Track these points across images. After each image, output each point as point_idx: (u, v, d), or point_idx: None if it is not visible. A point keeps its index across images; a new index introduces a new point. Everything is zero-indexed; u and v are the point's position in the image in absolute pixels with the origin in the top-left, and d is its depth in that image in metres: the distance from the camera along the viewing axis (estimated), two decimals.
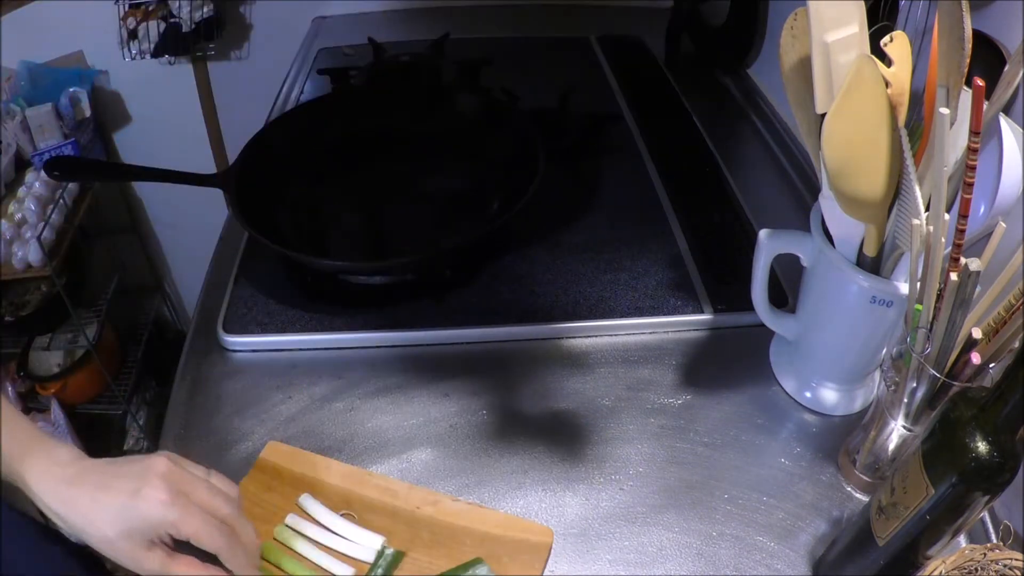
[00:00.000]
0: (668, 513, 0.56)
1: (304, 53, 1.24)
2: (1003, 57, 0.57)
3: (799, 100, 0.53)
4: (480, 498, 0.57)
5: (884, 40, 0.49)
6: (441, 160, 0.90)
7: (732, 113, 1.07)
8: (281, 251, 0.72)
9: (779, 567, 0.53)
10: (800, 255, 0.59)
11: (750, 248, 0.62)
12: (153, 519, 0.45)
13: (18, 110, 1.36)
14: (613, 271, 0.76)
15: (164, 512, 0.45)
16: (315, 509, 0.55)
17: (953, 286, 0.43)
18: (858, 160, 0.48)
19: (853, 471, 0.58)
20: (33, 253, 1.26)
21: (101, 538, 0.46)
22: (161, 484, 0.46)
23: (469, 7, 1.35)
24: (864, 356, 0.61)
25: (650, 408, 0.64)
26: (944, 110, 0.42)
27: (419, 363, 0.69)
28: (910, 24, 0.62)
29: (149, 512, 0.45)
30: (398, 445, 0.61)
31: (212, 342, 0.71)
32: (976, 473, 0.39)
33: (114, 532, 0.45)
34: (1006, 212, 0.47)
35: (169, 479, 0.47)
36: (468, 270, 0.76)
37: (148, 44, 1.38)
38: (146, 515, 0.45)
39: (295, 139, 0.86)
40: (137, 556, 0.46)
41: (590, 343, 0.70)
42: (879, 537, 0.46)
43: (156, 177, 0.76)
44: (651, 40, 1.22)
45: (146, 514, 0.45)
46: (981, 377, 0.46)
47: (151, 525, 0.46)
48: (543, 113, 0.94)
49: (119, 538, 0.45)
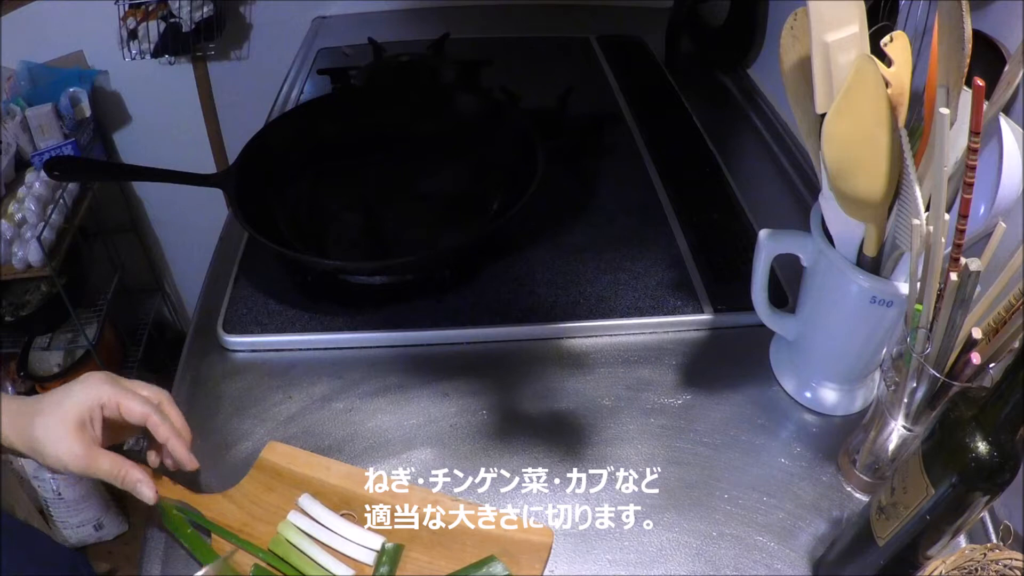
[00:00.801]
0: (668, 513, 0.56)
1: (304, 53, 1.24)
2: (1003, 57, 0.57)
3: (799, 100, 0.53)
4: (480, 498, 0.57)
5: (884, 40, 0.49)
6: (441, 160, 0.90)
7: (732, 113, 1.07)
8: (281, 251, 0.72)
9: (779, 567, 0.53)
10: (800, 255, 0.59)
11: (750, 248, 0.62)
12: (90, 394, 0.52)
13: (18, 110, 1.36)
14: (613, 271, 0.76)
15: (99, 387, 0.52)
16: (315, 509, 0.55)
17: (953, 286, 0.43)
18: (858, 160, 0.48)
19: (853, 471, 0.58)
20: (33, 253, 1.26)
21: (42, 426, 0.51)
22: (99, 374, 0.54)
23: (469, 7, 1.35)
24: (864, 356, 0.61)
25: (650, 408, 0.64)
26: (944, 110, 0.42)
27: (419, 363, 0.69)
28: (910, 24, 0.62)
29: (86, 389, 0.52)
30: (398, 445, 0.61)
31: (212, 342, 0.71)
32: (976, 473, 0.39)
33: (54, 416, 0.51)
34: (1006, 212, 0.47)
35: (107, 374, 0.55)
36: (468, 270, 0.76)
37: (148, 44, 1.38)
38: (83, 392, 0.52)
39: (295, 139, 0.86)
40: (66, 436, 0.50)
41: (590, 343, 0.70)
42: (879, 537, 0.46)
43: (156, 177, 0.76)
44: (651, 40, 1.22)
45: (84, 391, 0.52)
46: (981, 377, 0.46)
47: (88, 398, 0.52)
48: (543, 113, 0.94)
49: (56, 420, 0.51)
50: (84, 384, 0.53)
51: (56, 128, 1.37)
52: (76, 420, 0.51)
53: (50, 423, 0.51)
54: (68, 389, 0.53)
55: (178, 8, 1.35)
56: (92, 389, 0.52)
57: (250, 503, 0.56)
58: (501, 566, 0.51)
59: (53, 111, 1.36)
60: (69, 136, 1.38)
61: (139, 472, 0.53)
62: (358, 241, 0.84)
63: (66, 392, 0.52)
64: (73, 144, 1.36)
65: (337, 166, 0.89)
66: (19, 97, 1.38)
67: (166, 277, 1.83)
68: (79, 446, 0.51)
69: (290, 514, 0.54)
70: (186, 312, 1.90)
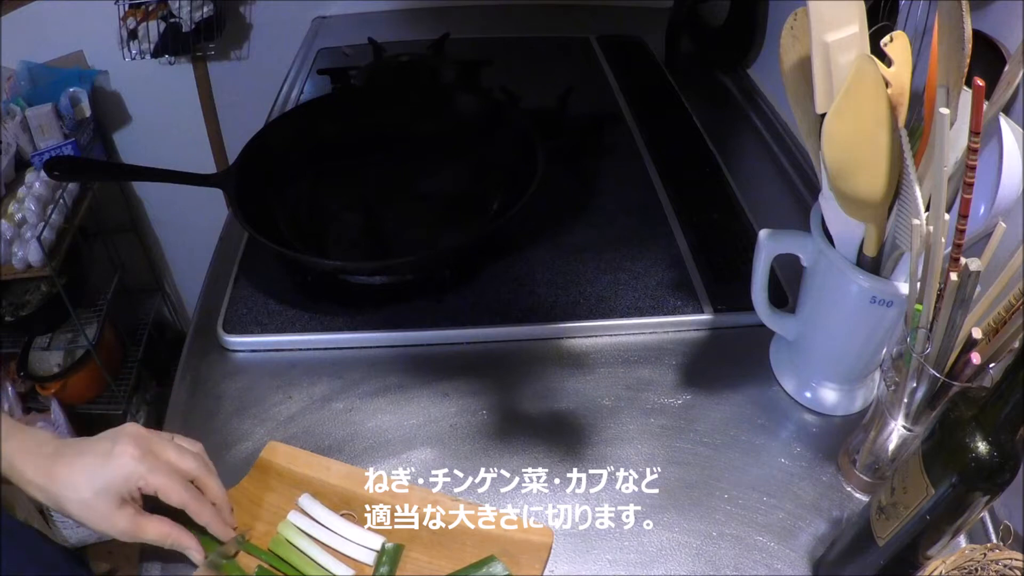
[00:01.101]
0: (668, 513, 0.56)
1: (304, 53, 1.24)
2: (1003, 57, 0.57)
3: (799, 100, 0.53)
4: (480, 498, 0.57)
5: (884, 40, 0.49)
6: (441, 160, 0.90)
7: (732, 113, 1.07)
8: (281, 251, 0.72)
9: (779, 567, 0.53)
10: (800, 255, 0.59)
11: (750, 248, 0.62)
12: (124, 472, 0.49)
13: (18, 110, 1.36)
14: (613, 271, 0.76)
15: (134, 466, 0.49)
16: (315, 509, 0.55)
17: (953, 286, 0.43)
18: (858, 160, 0.48)
19: (853, 471, 0.58)
20: (33, 253, 1.26)
21: (78, 501, 0.49)
22: (131, 442, 0.51)
23: (469, 7, 1.35)
24: (864, 356, 0.61)
25: (650, 408, 0.64)
26: (944, 110, 0.42)
27: (419, 363, 0.69)
28: (910, 24, 0.62)
29: (120, 467, 0.49)
30: (398, 445, 0.61)
31: (212, 342, 0.71)
32: (976, 473, 0.39)
33: (89, 492, 0.49)
34: (1006, 212, 0.47)
35: (138, 439, 0.51)
36: (468, 270, 0.76)
37: (148, 44, 1.38)
38: (118, 470, 0.49)
39: (295, 139, 0.86)
40: (109, 514, 0.49)
41: (590, 343, 0.70)
42: (879, 537, 0.46)
43: (156, 177, 0.76)
44: (651, 40, 1.22)
45: (118, 470, 0.49)
46: (981, 377, 0.46)
47: (122, 478, 0.49)
48: (543, 113, 0.94)
49: (94, 497, 0.49)
50: (116, 460, 0.50)
51: (56, 128, 1.37)
52: (115, 499, 0.49)
53: (89, 500, 0.49)
54: (103, 461, 0.50)
55: (178, 8, 1.35)
56: (126, 467, 0.49)
57: (250, 503, 0.56)
58: (501, 566, 0.51)
59: (53, 111, 1.36)
60: (69, 136, 1.38)
61: (188, 538, 0.51)
62: (358, 241, 0.84)
63: (101, 465, 0.49)
64: (73, 144, 1.36)
65: (337, 166, 0.89)
66: (19, 97, 1.38)
67: (166, 277, 1.83)
68: (124, 521, 0.49)
69: (290, 514, 0.54)
70: (186, 312, 1.90)
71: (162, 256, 1.79)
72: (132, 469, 0.49)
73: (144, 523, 0.50)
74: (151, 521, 0.50)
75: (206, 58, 1.45)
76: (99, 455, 0.50)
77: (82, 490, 0.49)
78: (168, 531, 0.51)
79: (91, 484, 0.49)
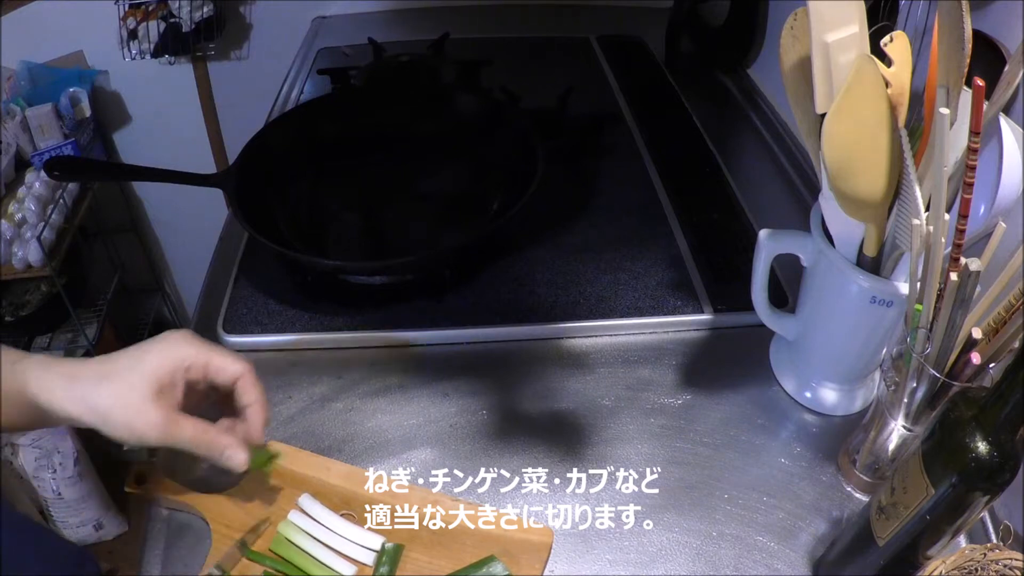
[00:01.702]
0: (668, 513, 0.56)
1: (304, 53, 1.24)
2: (1003, 57, 0.57)
3: (799, 100, 0.53)
4: (480, 498, 0.57)
5: (884, 40, 0.49)
6: (441, 160, 0.90)
7: (732, 113, 1.07)
8: (281, 251, 0.72)
9: (779, 567, 0.53)
10: (800, 255, 0.59)
11: (750, 248, 0.62)
12: (172, 354, 0.46)
13: (18, 110, 1.36)
14: (613, 271, 0.76)
15: (182, 346, 0.47)
16: (315, 509, 0.55)
17: (953, 286, 0.43)
18: (858, 160, 0.48)
19: (853, 471, 0.58)
20: (33, 253, 1.26)
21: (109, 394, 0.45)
22: (180, 334, 0.49)
23: (469, 7, 1.35)
24: (864, 356, 0.61)
25: (650, 408, 0.64)
26: (944, 110, 0.42)
27: (419, 363, 0.69)
28: (910, 24, 0.62)
29: (168, 349, 0.47)
30: (398, 445, 0.61)
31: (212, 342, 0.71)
32: (976, 473, 0.39)
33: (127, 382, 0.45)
34: (1006, 212, 0.47)
35: (186, 333, 0.49)
36: (468, 270, 0.76)
37: (148, 44, 1.38)
38: (165, 352, 0.47)
39: (295, 139, 0.86)
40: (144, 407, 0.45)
41: (590, 343, 0.70)
42: (879, 537, 0.46)
43: (156, 177, 0.76)
44: (651, 40, 1.22)
45: (165, 351, 0.47)
46: (981, 377, 0.46)
47: (170, 360, 0.46)
48: (543, 113, 0.94)
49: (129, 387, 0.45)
50: (164, 343, 0.47)
51: (56, 128, 1.37)
52: (155, 385, 0.45)
53: (121, 390, 0.44)
54: (144, 350, 0.47)
55: (178, 8, 1.35)
56: (174, 348, 0.47)
57: (250, 503, 0.56)
58: (501, 566, 0.51)
59: (53, 111, 1.36)
60: (69, 136, 1.38)
61: (227, 436, 0.47)
62: (358, 241, 0.84)
63: (142, 354, 0.46)
64: (73, 144, 1.36)
65: (337, 166, 0.89)
66: (19, 97, 1.38)
67: (166, 277, 1.84)
68: (157, 414, 0.45)
69: (290, 514, 0.54)
70: (186, 312, 1.90)
71: (162, 256, 1.79)
72: (181, 349, 0.47)
73: (180, 419, 0.46)
74: (186, 420, 0.46)
75: (206, 58, 1.45)
76: (143, 346, 0.47)
77: (118, 379, 0.45)
78: (205, 428, 0.47)
79: (130, 372, 0.45)
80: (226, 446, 0.47)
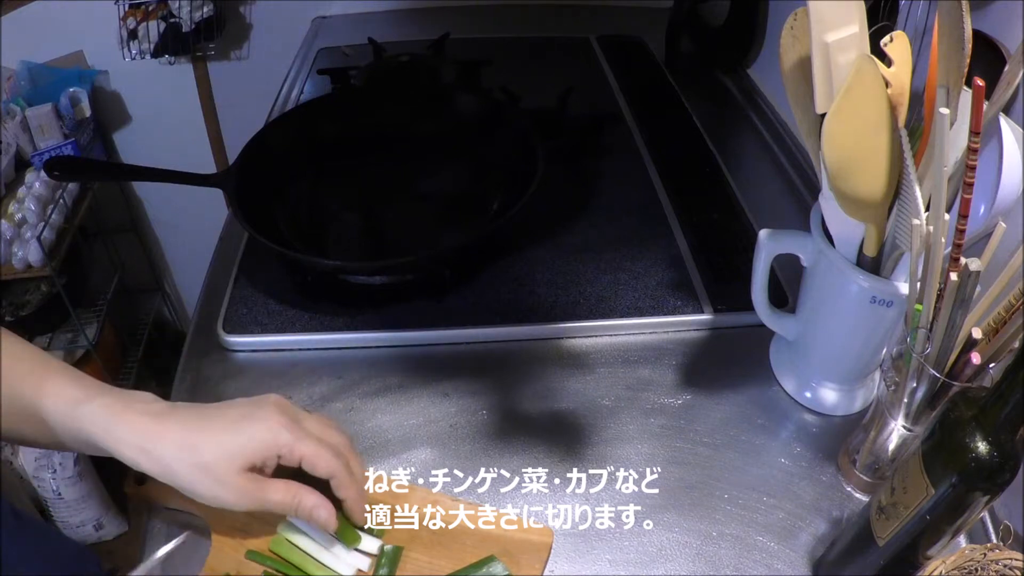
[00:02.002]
0: (668, 513, 0.56)
1: (304, 53, 1.24)
2: (1003, 57, 0.57)
3: (799, 100, 0.53)
4: (480, 498, 0.57)
5: (884, 40, 0.49)
6: (441, 160, 0.90)
7: (732, 113, 1.07)
8: (281, 251, 0.72)
9: (779, 567, 0.53)
10: (800, 255, 0.59)
11: (750, 248, 0.62)
12: (268, 439, 0.46)
13: (18, 110, 1.36)
14: (613, 271, 0.76)
15: (278, 432, 0.46)
16: None
17: (953, 286, 0.43)
18: (858, 160, 0.48)
19: (853, 471, 0.58)
20: (33, 253, 1.26)
21: (193, 464, 0.44)
22: (276, 409, 0.47)
23: (469, 7, 1.35)
24: (864, 356, 0.61)
25: (650, 408, 0.64)
26: (944, 110, 0.42)
27: (419, 363, 0.69)
28: (910, 24, 0.62)
29: (264, 433, 0.46)
30: (398, 445, 0.61)
31: (212, 342, 0.71)
32: (976, 473, 0.39)
33: (213, 456, 0.44)
34: (1006, 212, 0.47)
35: (283, 407, 0.48)
36: (468, 270, 0.76)
37: (148, 44, 1.38)
38: (259, 436, 0.45)
39: (295, 139, 0.86)
40: (230, 480, 0.44)
41: (590, 343, 0.70)
42: (879, 537, 0.46)
43: (156, 177, 0.76)
44: (651, 40, 1.22)
45: (260, 435, 0.45)
46: (981, 377, 0.46)
47: (265, 445, 0.45)
48: (543, 113, 0.94)
49: (216, 461, 0.44)
50: (261, 425, 0.46)
51: (56, 128, 1.37)
52: (244, 466, 0.45)
53: (208, 463, 0.44)
54: (237, 429, 0.46)
55: (178, 8, 1.35)
56: (269, 433, 0.46)
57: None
58: (501, 566, 0.51)
59: (53, 111, 1.36)
60: (69, 136, 1.38)
61: (314, 496, 0.47)
62: (358, 241, 0.84)
63: (234, 433, 0.45)
64: (73, 144, 1.36)
65: (337, 166, 0.89)
66: (19, 97, 1.38)
67: (166, 277, 1.84)
68: (248, 485, 0.45)
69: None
70: (186, 312, 1.90)
71: (162, 256, 1.79)
72: (275, 436, 0.46)
73: (268, 486, 0.46)
74: (275, 483, 0.46)
75: (206, 58, 1.45)
76: (235, 420, 0.46)
77: (204, 453, 0.44)
78: (296, 491, 0.46)
79: (219, 448, 0.45)
80: (313, 506, 0.47)
